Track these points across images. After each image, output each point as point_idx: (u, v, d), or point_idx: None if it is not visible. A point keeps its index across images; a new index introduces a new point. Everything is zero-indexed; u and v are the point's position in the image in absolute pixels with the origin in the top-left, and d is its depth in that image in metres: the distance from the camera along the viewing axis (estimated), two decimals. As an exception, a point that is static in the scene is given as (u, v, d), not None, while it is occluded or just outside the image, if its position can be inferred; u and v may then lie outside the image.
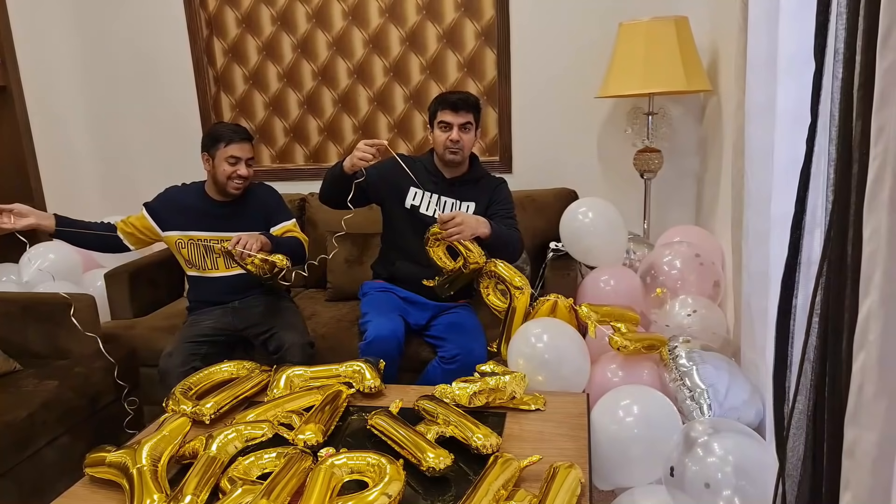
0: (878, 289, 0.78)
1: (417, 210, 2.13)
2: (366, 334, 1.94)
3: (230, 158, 2.09)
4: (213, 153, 2.11)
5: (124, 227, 2.17)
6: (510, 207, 2.16)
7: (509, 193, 2.20)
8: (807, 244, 1.08)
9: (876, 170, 0.77)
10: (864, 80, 0.80)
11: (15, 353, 2.06)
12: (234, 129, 2.13)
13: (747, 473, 1.24)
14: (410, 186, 2.13)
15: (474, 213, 2.08)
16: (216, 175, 2.11)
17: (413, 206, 2.13)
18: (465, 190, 2.15)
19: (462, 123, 2.04)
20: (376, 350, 1.88)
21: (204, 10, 2.91)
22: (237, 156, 2.09)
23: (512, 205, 2.18)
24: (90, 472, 1.29)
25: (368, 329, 1.94)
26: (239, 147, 2.09)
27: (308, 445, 1.30)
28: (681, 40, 2.20)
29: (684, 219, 2.63)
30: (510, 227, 2.09)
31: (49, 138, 2.94)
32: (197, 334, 2.07)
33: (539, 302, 1.90)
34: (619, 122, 2.64)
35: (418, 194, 2.13)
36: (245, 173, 2.11)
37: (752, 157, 1.45)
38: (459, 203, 2.13)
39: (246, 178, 2.12)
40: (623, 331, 1.68)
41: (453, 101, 2.04)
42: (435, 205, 2.13)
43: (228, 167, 2.09)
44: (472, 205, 2.13)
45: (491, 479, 1.13)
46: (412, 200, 2.13)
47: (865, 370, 0.80)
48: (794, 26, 1.22)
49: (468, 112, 2.05)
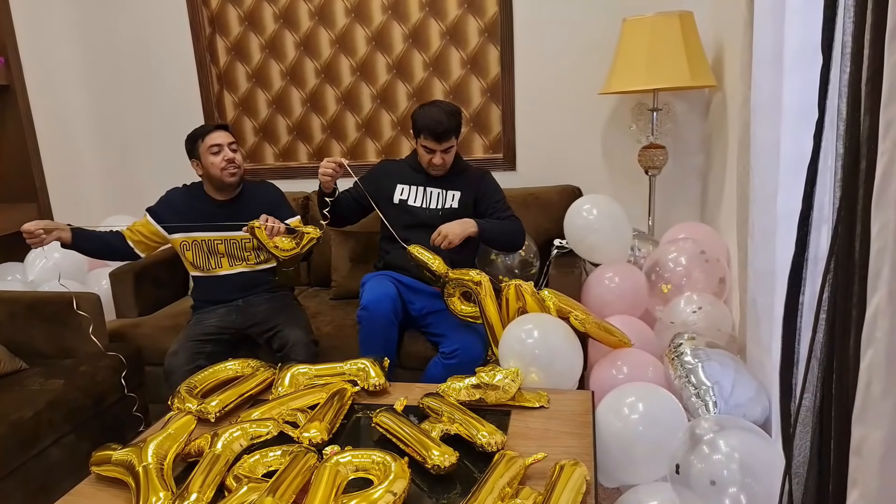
0: (885, 285, 0.77)
1: (406, 203, 2.21)
2: (361, 300, 2.02)
3: (213, 148, 2.09)
4: (197, 153, 2.12)
5: (132, 236, 2.17)
6: (500, 198, 2.22)
7: (495, 183, 2.27)
8: (814, 241, 1.07)
9: (884, 165, 0.76)
10: (872, 74, 0.79)
11: (21, 352, 2.07)
12: (205, 124, 2.17)
13: (753, 471, 1.23)
14: (397, 184, 2.23)
15: (460, 201, 2.19)
16: (209, 172, 2.12)
17: (402, 199, 2.22)
18: (449, 180, 2.22)
19: (445, 149, 2.12)
20: (373, 312, 1.96)
21: (206, 8, 2.90)
22: (218, 143, 2.10)
23: (501, 194, 2.24)
24: (96, 470, 1.30)
25: (362, 296, 2.03)
26: (216, 135, 2.12)
27: (313, 443, 1.30)
28: (685, 35, 2.19)
29: (689, 216, 2.62)
30: (507, 218, 2.17)
31: (52, 137, 2.95)
32: (201, 333, 2.08)
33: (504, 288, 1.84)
34: (623, 118, 2.63)
35: (405, 189, 2.23)
36: (232, 157, 2.11)
37: (758, 154, 1.44)
38: (442, 192, 2.20)
39: (236, 164, 2.12)
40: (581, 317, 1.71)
41: (438, 133, 2.08)
42: (422, 196, 2.21)
43: (214, 157, 2.09)
44: (457, 193, 2.20)
45: (496, 477, 1.13)
46: (400, 195, 2.23)
47: (873, 367, 0.80)
48: (800, 20, 1.21)
49: (450, 137, 2.11)
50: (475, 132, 2.81)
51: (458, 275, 1.87)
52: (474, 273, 1.86)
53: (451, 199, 2.20)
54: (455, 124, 2.11)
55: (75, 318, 2.08)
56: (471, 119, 2.79)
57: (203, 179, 2.18)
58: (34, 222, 1.97)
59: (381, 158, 2.84)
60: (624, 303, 2.07)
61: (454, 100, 2.75)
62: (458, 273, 1.88)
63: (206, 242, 2.16)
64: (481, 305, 1.83)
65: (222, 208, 2.17)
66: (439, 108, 2.10)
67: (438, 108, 2.11)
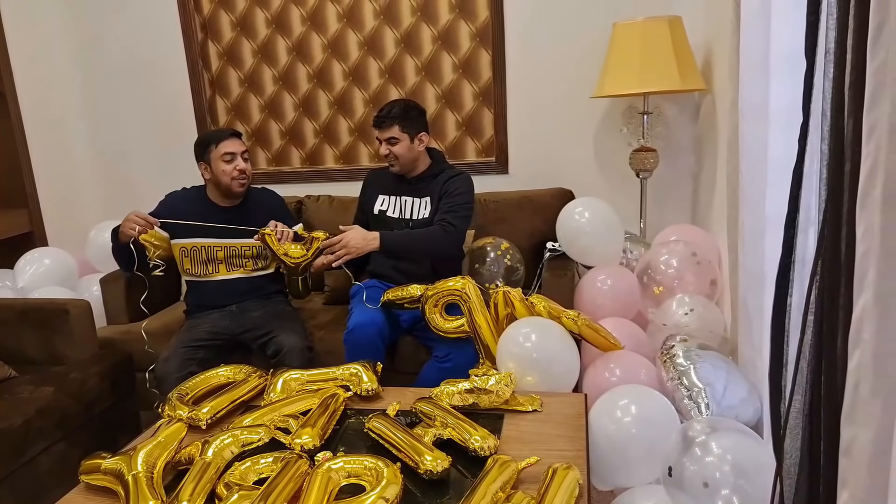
0: (871, 287, 0.77)
1: (385, 213, 2.23)
2: (348, 323, 2.00)
3: (226, 156, 2.09)
4: (208, 158, 2.11)
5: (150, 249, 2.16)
6: (454, 199, 2.13)
7: (462, 185, 2.16)
8: (801, 243, 1.08)
9: (868, 168, 0.77)
10: (855, 78, 0.80)
11: (11, 359, 2.05)
12: (220, 129, 2.17)
13: (745, 472, 1.24)
14: (378, 194, 2.25)
15: (429, 209, 2.16)
16: (217, 179, 2.11)
17: (381, 210, 2.23)
18: (423, 187, 2.21)
19: (387, 138, 2.11)
20: (358, 337, 1.94)
21: (198, 14, 2.90)
22: (231, 151, 2.10)
23: (460, 196, 2.14)
24: (85, 479, 1.29)
25: (350, 319, 2.01)
26: (231, 143, 2.11)
27: (305, 449, 1.30)
28: (675, 40, 2.20)
29: (681, 218, 2.63)
30: (440, 221, 2.09)
31: (44, 143, 2.93)
32: (194, 338, 2.07)
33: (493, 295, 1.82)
34: (614, 121, 2.64)
35: (385, 200, 2.24)
36: (244, 167, 2.11)
37: (746, 155, 1.45)
38: (415, 200, 2.20)
39: (246, 174, 2.13)
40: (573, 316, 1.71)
41: (376, 120, 2.12)
42: (398, 205, 2.22)
43: (226, 165, 2.09)
44: (427, 199, 2.19)
45: (489, 481, 1.13)
46: (380, 206, 2.25)
47: (860, 368, 0.80)
48: (786, 25, 1.22)
49: (391, 125, 2.10)
50: (467, 136, 2.81)
51: (437, 289, 1.84)
52: (457, 281, 1.81)
53: (423, 208, 2.18)
54: (399, 113, 2.09)
55: (66, 325, 2.07)
56: (463, 123, 2.79)
57: (208, 184, 2.18)
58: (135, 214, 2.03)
59: (375, 163, 2.85)
60: (616, 305, 2.07)
61: (446, 104, 2.75)
62: (436, 287, 1.84)
63: (206, 249, 2.16)
64: (471, 316, 1.79)
65: (226, 214, 2.17)
66: (393, 100, 2.16)
67: (394, 100, 2.17)
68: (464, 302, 1.81)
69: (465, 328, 1.83)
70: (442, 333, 1.88)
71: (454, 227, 2.09)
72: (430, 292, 1.85)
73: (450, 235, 2.08)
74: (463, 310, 1.82)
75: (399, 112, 2.09)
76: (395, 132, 2.10)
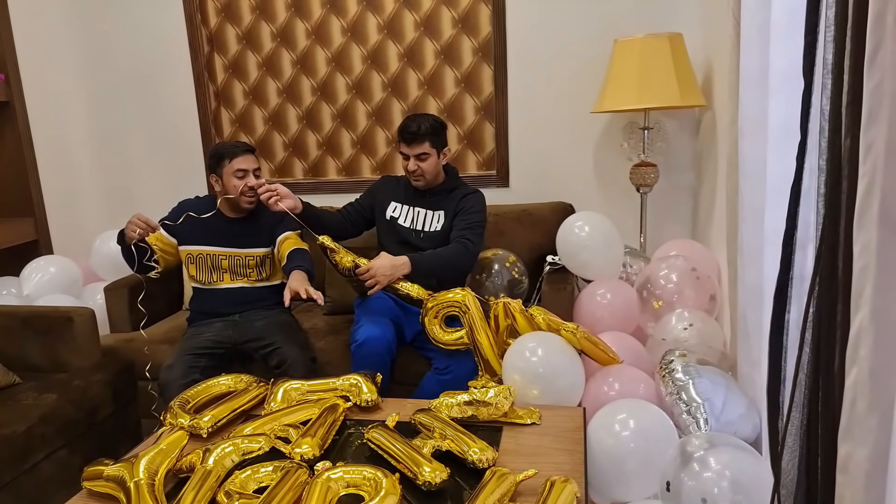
0: (868, 304, 0.78)
1: (396, 221, 2.23)
2: (356, 335, 1.98)
3: (238, 172, 2.12)
4: (220, 172, 2.14)
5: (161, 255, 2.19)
6: (471, 217, 2.15)
7: (478, 203, 2.19)
8: (799, 259, 1.09)
9: (865, 186, 0.78)
10: (853, 98, 0.82)
11: (14, 366, 2.06)
12: (235, 143, 2.19)
13: (744, 488, 1.24)
14: (391, 200, 2.24)
15: (442, 223, 2.17)
16: (228, 193, 2.14)
17: (392, 217, 2.24)
18: (437, 200, 2.21)
19: (417, 154, 2.11)
20: (367, 352, 1.92)
21: (205, 27, 2.94)
22: (244, 168, 2.13)
23: (476, 214, 2.16)
24: (88, 485, 1.29)
25: (359, 332, 1.98)
26: (244, 159, 2.13)
27: (305, 459, 1.30)
28: (675, 56, 2.23)
29: (680, 233, 2.65)
30: (458, 238, 2.09)
31: (51, 153, 2.96)
32: (197, 346, 2.08)
33: (493, 307, 1.82)
34: (615, 136, 2.66)
35: (398, 207, 2.24)
36: (255, 185, 2.13)
37: (746, 172, 1.46)
38: (428, 212, 2.21)
39: (255, 191, 2.14)
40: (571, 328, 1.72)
41: (406, 135, 2.11)
42: (411, 215, 2.22)
43: (238, 181, 2.12)
44: (441, 213, 2.20)
45: (487, 494, 1.13)
46: (391, 213, 2.24)
47: (857, 385, 0.81)
48: (785, 43, 1.23)
49: (423, 142, 2.10)
50: (469, 149, 2.83)
51: (438, 300, 1.84)
52: (457, 293, 1.82)
53: (437, 221, 2.19)
54: (428, 129, 2.10)
55: (69, 333, 2.08)
56: (464, 136, 2.81)
57: (218, 196, 2.20)
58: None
59: (377, 175, 2.87)
60: (615, 319, 2.08)
61: (448, 117, 2.77)
62: (437, 298, 1.85)
63: (211, 257, 2.18)
64: (471, 328, 1.79)
65: (232, 225, 2.21)
66: (417, 115, 2.16)
67: (417, 115, 2.16)
68: (463, 314, 1.82)
69: (465, 340, 1.83)
70: (441, 345, 1.88)
71: (473, 244, 2.11)
72: (430, 304, 1.86)
73: (471, 252, 2.11)
74: (462, 322, 1.82)
75: (429, 128, 2.09)
76: (426, 148, 2.10)
